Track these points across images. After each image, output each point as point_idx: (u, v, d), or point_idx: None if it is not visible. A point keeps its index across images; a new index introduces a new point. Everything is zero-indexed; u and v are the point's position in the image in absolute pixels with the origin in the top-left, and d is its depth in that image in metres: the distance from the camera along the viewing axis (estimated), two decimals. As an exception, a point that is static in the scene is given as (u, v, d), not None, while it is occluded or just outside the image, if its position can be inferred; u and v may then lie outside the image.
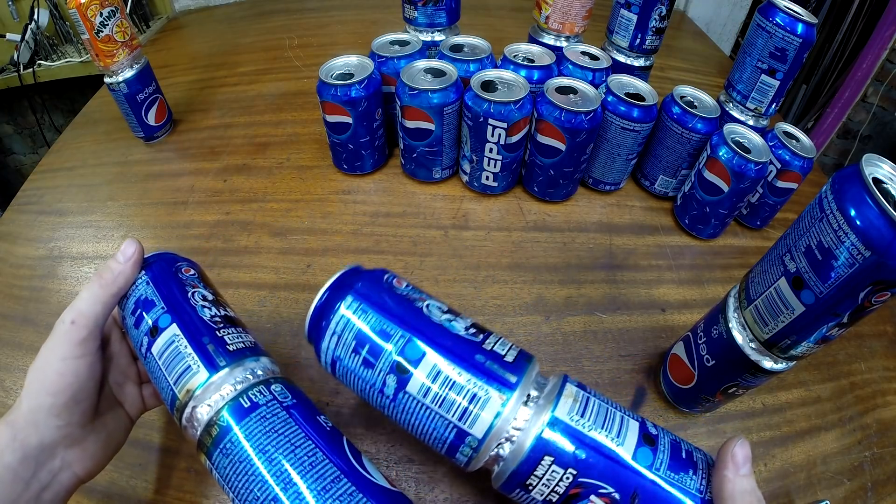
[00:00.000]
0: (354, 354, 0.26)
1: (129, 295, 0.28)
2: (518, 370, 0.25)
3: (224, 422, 0.23)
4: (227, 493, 0.24)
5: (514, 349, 0.26)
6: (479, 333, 0.26)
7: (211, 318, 0.27)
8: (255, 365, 0.27)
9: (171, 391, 0.26)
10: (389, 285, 0.27)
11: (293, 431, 0.23)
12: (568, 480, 0.23)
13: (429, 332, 0.25)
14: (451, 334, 0.25)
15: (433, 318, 0.26)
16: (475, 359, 0.25)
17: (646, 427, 0.25)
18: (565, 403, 0.24)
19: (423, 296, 0.28)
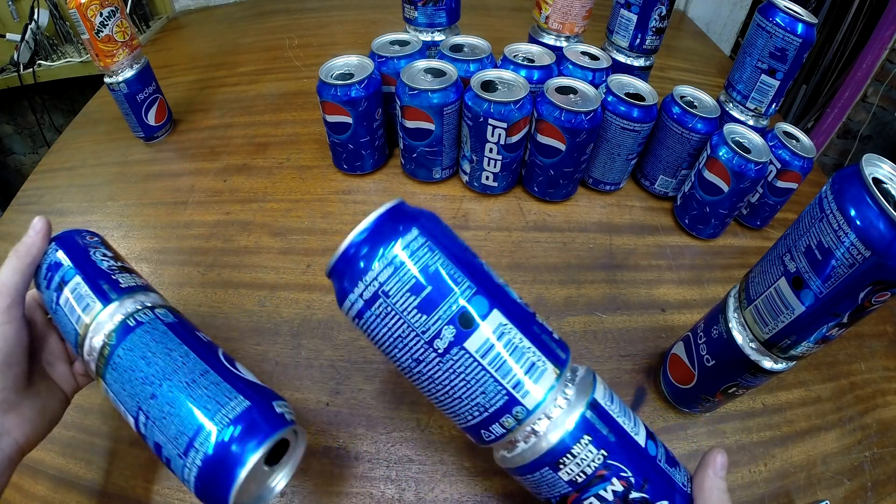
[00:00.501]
0: (410, 294, 0.22)
1: (41, 264, 0.31)
2: (565, 348, 0.25)
3: (113, 341, 0.26)
4: (119, 409, 0.26)
5: (550, 328, 0.26)
6: (531, 307, 0.26)
7: (108, 268, 0.30)
8: (145, 298, 0.29)
9: (74, 333, 0.28)
10: (451, 230, 0.25)
11: (171, 340, 0.26)
12: (599, 461, 0.23)
13: (494, 290, 0.24)
14: (511, 298, 0.24)
15: (495, 278, 0.24)
16: (533, 329, 0.24)
17: (648, 427, 0.26)
18: (600, 388, 0.25)
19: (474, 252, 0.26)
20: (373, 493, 0.36)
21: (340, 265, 0.24)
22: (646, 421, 0.39)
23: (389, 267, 0.22)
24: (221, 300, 0.47)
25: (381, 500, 0.36)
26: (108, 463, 0.38)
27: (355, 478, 0.37)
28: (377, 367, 0.42)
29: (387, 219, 0.23)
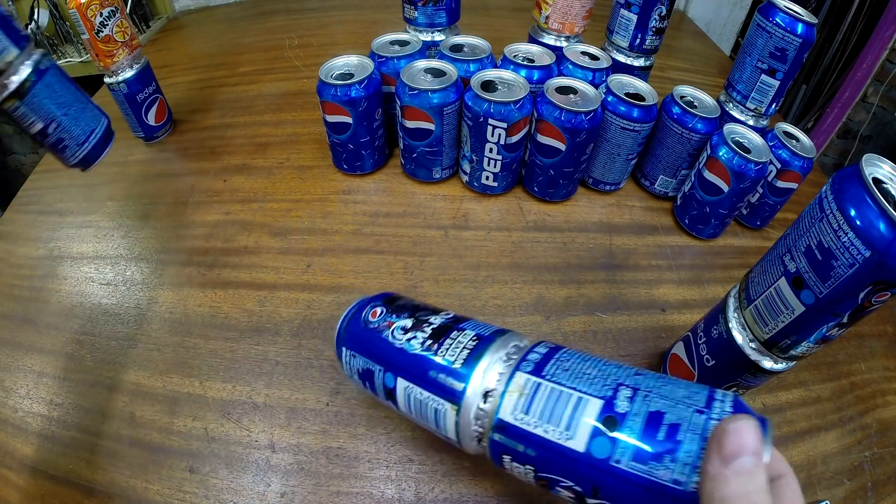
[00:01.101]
0: (360, 382, 0.32)
1: None
2: (464, 377, 0.26)
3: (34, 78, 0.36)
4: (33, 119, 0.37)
5: (467, 348, 0.27)
6: (435, 342, 0.28)
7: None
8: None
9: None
10: (366, 323, 0.32)
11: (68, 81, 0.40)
12: (530, 474, 0.24)
13: (393, 359, 0.29)
14: (409, 355, 0.28)
15: (395, 343, 0.29)
16: (429, 376, 0.27)
17: (612, 406, 0.21)
18: (509, 402, 0.24)
19: (392, 320, 0.31)
20: (373, 493, 0.36)
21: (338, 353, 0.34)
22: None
23: (347, 367, 0.33)
24: (221, 300, 0.47)
25: (381, 500, 0.36)
26: (108, 463, 0.38)
27: (355, 478, 0.37)
28: (377, 367, 0.42)
29: (339, 334, 0.33)
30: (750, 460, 0.15)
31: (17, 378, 0.43)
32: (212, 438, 0.38)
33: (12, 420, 0.41)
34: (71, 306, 0.48)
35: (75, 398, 0.41)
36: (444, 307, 0.32)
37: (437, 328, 0.29)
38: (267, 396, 0.40)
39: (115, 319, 0.46)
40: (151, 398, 0.41)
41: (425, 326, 0.29)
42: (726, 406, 0.20)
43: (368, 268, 0.50)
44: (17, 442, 0.39)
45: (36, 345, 0.45)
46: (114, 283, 0.49)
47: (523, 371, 0.24)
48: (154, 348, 0.44)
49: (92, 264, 0.51)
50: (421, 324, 0.30)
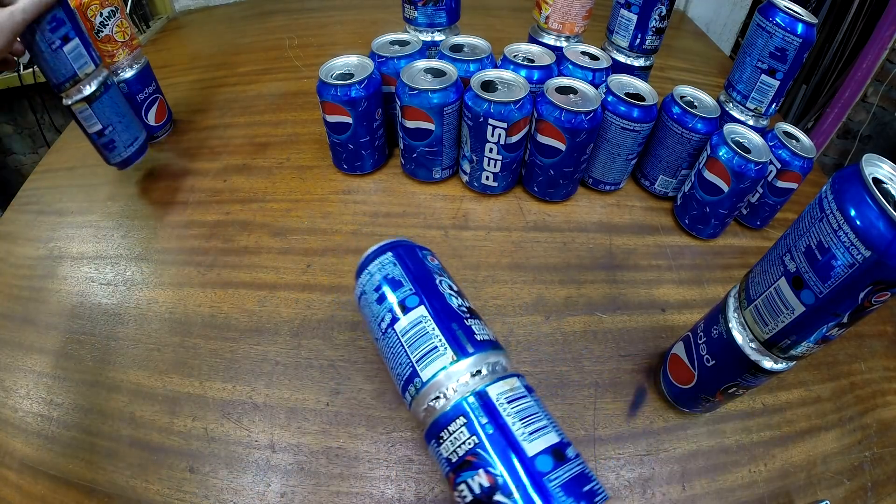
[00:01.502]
0: (374, 291, 0.32)
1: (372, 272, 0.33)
2: (478, 347, 0.28)
3: (101, 92, 0.46)
4: (94, 120, 0.49)
5: (488, 335, 0.30)
6: (469, 313, 0.30)
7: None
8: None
9: (71, 72, 0.38)
10: (423, 257, 0.34)
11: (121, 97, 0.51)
12: (469, 446, 0.25)
13: (429, 294, 0.31)
14: (445, 302, 0.30)
15: (439, 288, 0.31)
16: (451, 325, 0.29)
17: (563, 446, 0.25)
18: (501, 386, 0.27)
19: (444, 274, 0.33)
20: (373, 493, 0.36)
21: (358, 270, 0.35)
22: (646, 421, 0.40)
23: (369, 275, 0.33)
24: (221, 300, 0.47)
25: (381, 500, 0.36)
26: (109, 463, 0.38)
27: (355, 478, 0.37)
28: (377, 367, 0.42)
29: (379, 249, 0.34)
30: None
31: (17, 378, 0.43)
32: (212, 438, 0.38)
33: (12, 420, 0.41)
34: (71, 306, 0.48)
35: (75, 398, 0.41)
36: None
37: (473, 309, 0.32)
38: (267, 396, 0.40)
39: (115, 319, 0.46)
40: (151, 398, 0.41)
41: (464, 300, 0.32)
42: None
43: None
44: (17, 442, 0.39)
45: (36, 345, 0.45)
46: (114, 283, 0.49)
47: (519, 379, 0.28)
48: (154, 348, 0.44)
49: (92, 264, 0.51)
50: (461, 296, 0.32)
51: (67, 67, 0.47)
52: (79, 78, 0.48)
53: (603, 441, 0.39)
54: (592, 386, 0.42)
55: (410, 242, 0.35)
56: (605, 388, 0.42)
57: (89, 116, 0.49)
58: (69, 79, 0.47)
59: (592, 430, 0.39)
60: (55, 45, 0.45)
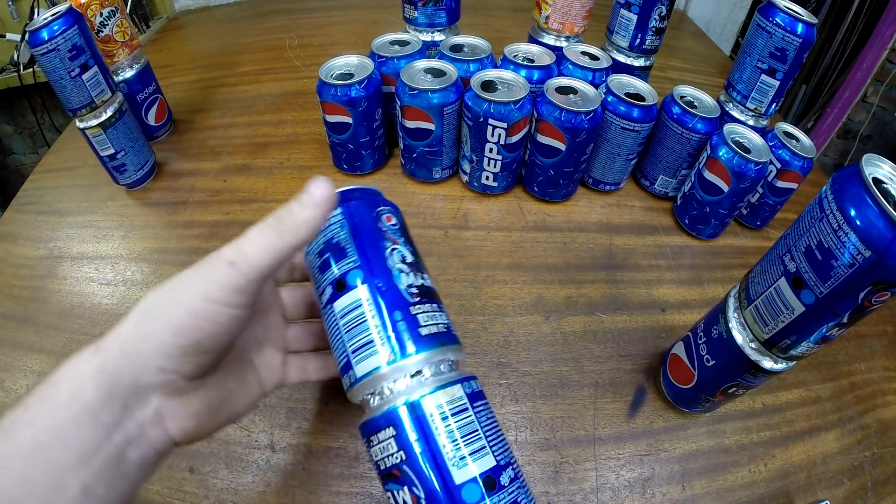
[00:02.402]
0: (318, 256, 0.28)
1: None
2: (421, 345, 0.25)
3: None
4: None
5: (438, 327, 0.26)
6: (419, 296, 0.26)
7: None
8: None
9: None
10: (377, 217, 0.29)
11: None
12: (395, 459, 0.23)
13: (375, 270, 0.26)
14: (391, 283, 0.26)
15: (388, 262, 0.27)
16: (393, 314, 0.25)
17: (499, 471, 0.23)
18: (438, 398, 0.24)
19: (399, 239, 0.28)
20: (373, 493, 0.36)
21: None
22: (646, 421, 0.40)
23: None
24: (221, 300, 0.47)
25: (381, 500, 0.36)
26: (108, 463, 0.38)
27: (355, 478, 0.37)
28: (377, 367, 0.42)
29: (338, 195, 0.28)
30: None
31: (17, 378, 0.43)
32: (211, 438, 0.38)
33: (12, 420, 0.41)
34: (71, 306, 0.48)
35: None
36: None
37: (427, 288, 0.28)
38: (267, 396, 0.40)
39: (115, 319, 0.45)
40: (151, 398, 0.41)
41: (419, 275, 0.28)
42: None
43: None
44: (17, 442, 0.39)
45: (36, 345, 0.45)
46: (114, 283, 0.49)
47: (463, 388, 0.25)
48: (154, 348, 0.44)
49: (92, 264, 0.51)
50: (418, 270, 0.28)
51: (85, 94, 0.49)
52: (95, 105, 0.50)
53: (603, 441, 0.39)
54: (592, 386, 0.42)
55: (370, 195, 0.30)
56: (605, 388, 0.42)
57: (103, 141, 0.52)
58: (86, 105, 0.49)
59: (592, 430, 0.39)
60: (74, 72, 0.47)
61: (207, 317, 0.21)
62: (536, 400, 0.41)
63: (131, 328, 0.21)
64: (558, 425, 0.40)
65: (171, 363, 0.21)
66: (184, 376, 0.22)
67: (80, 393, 0.20)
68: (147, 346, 0.21)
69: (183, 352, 0.21)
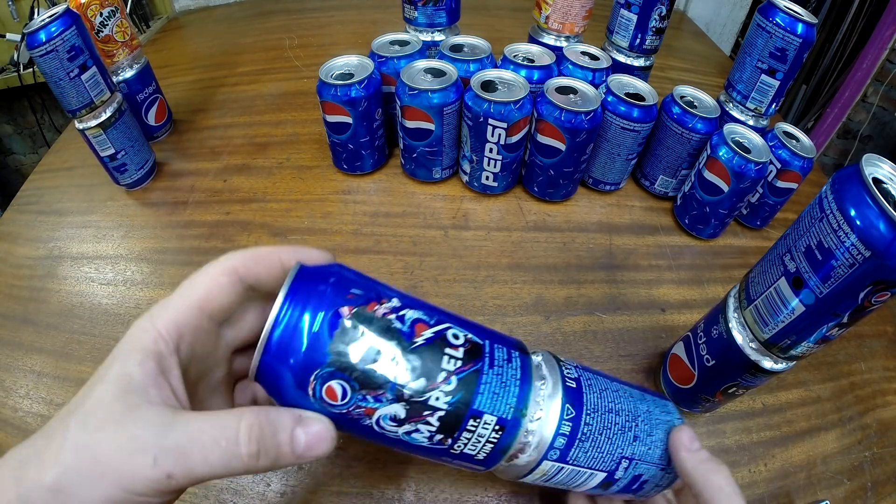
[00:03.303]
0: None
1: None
2: (490, 462, 0.24)
3: None
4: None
5: (490, 440, 0.23)
6: (448, 436, 0.22)
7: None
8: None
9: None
10: (321, 402, 0.21)
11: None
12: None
13: (394, 445, 0.23)
14: (417, 447, 0.22)
15: (389, 434, 0.22)
16: (448, 459, 0.24)
17: (612, 475, 0.26)
18: (532, 478, 0.26)
19: (367, 405, 0.21)
20: (373, 493, 0.36)
21: None
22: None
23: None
24: (221, 300, 0.47)
25: (381, 500, 0.36)
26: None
27: (355, 478, 0.37)
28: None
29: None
30: (698, 442, 0.27)
31: (17, 378, 0.43)
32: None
33: (12, 420, 0.41)
34: (71, 306, 0.48)
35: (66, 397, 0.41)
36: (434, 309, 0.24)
37: (445, 419, 0.22)
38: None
39: (115, 319, 0.46)
40: (151, 398, 0.41)
41: (427, 416, 0.21)
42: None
43: (368, 268, 0.49)
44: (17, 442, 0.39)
45: (36, 345, 0.45)
46: (114, 283, 0.49)
47: (550, 460, 0.25)
48: (154, 348, 0.44)
49: (92, 264, 0.51)
50: (418, 414, 0.21)
51: (84, 95, 0.48)
52: (95, 105, 0.50)
53: (603, 441, 0.39)
54: (592, 386, 0.42)
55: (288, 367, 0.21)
56: (605, 388, 0.42)
57: (103, 141, 0.51)
58: (85, 106, 0.49)
59: (592, 430, 0.39)
60: (73, 73, 0.47)
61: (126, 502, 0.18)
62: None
63: (50, 477, 0.19)
64: (558, 425, 0.40)
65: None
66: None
67: None
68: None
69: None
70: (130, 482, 0.18)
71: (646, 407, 0.28)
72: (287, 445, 0.20)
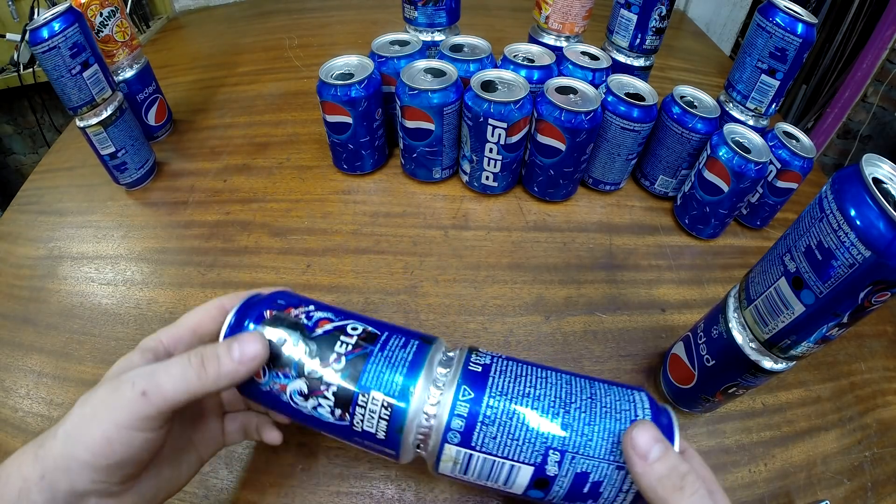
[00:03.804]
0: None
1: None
2: (393, 444, 0.25)
3: None
4: None
5: (383, 417, 0.25)
6: (345, 411, 0.25)
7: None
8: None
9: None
10: (253, 381, 0.27)
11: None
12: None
13: (312, 423, 0.27)
14: (325, 423, 0.26)
15: (303, 409, 0.26)
16: (356, 440, 0.26)
17: (543, 470, 0.24)
18: (445, 466, 0.25)
19: (281, 381, 0.26)
20: (373, 493, 0.36)
21: None
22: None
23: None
24: (221, 300, 0.47)
25: (381, 500, 0.36)
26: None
27: (355, 478, 0.37)
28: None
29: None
30: (658, 447, 0.21)
31: (17, 378, 0.43)
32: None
33: (12, 420, 0.41)
34: (71, 306, 0.48)
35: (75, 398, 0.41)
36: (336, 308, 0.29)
37: (338, 394, 0.25)
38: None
39: (115, 319, 0.46)
40: (151, 398, 0.41)
41: (324, 390, 0.26)
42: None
43: (368, 268, 0.50)
44: (17, 442, 0.39)
45: (36, 345, 0.45)
46: (114, 283, 0.49)
47: (451, 443, 0.24)
48: (154, 348, 0.44)
49: (92, 264, 0.51)
50: (316, 389, 0.26)
51: (86, 92, 0.49)
52: (96, 103, 0.50)
53: (603, 441, 0.39)
54: (592, 386, 0.42)
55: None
56: (605, 388, 0.42)
57: (103, 139, 0.52)
58: (87, 103, 0.49)
59: (592, 430, 0.39)
60: (75, 70, 0.47)
61: (121, 440, 0.23)
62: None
63: (60, 447, 0.23)
64: (558, 425, 0.40)
65: (99, 475, 0.23)
66: (116, 483, 0.23)
67: (27, 493, 0.22)
68: (74, 463, 0.22)
69: (107, 469, 0.23)
70: (118, 414, 0.23)
71: (590, 393, 0.25)
72: (225, 354, 0.25)
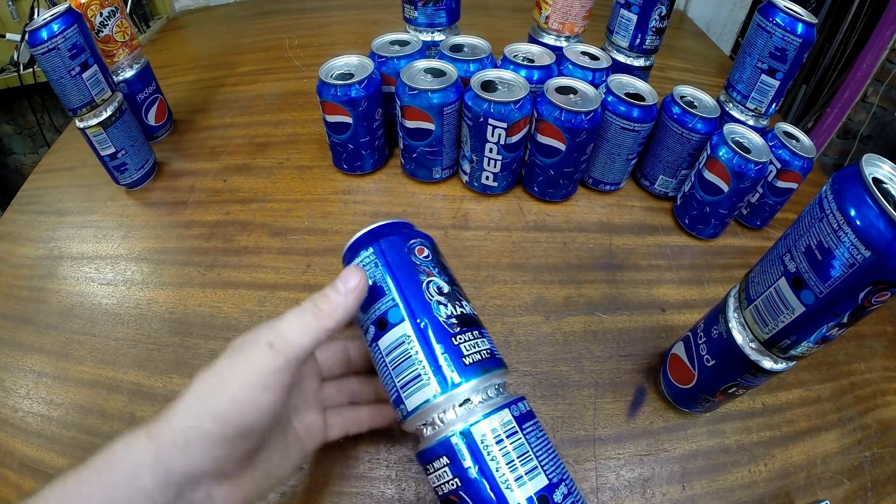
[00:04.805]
0: None
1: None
2: (467, 374, 0.26)
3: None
4: None
5: (482, 354, 0.27)
6: (459, 326, 0.27)
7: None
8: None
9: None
10: (409, 251, 0.29)
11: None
12: (451, 486, 0.25)
13: (415, 305, 0.27)
14: (432, 316, 0.27)
15: (426, 294, 0.28)
16: (436, 348, 0.26)
17: (553, 490, 0.24)
18: (488, 425, 0.25)
19: (433, 270, 0.29)
20: (373, 493, 0.36)
21: (343, 260, 0.32)
22: (646, 421, 0.40)
23: (354, 261, 0.30)
24: (221, 300, 0.47)
25: (381, 500, 0.36)
26: (108, 463, 0.38)
27: (355, 478, 0.37)
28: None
29: (361, 239, 0.30)
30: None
31: (17, 378, 0.43)
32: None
33: (12, 420, 0.41)
34: (71, 306, 0.48)
35: (75, 398, 0.41)
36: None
37: (466, 316, 0.28)
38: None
39: (115, 319, 0.46)
40: (151, 398, 0.41)
41: (457, 304, 0.28)
42: None
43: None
44: (16, 442, 0.39)
45: (36, 345, 0.45)
46: (114, 283, 0.49)
47: (511, 412, 0.25)
48: (154, 348, 0.44)
49: (92, 264, 0.51)
50: (455, 298, 0.28)
51: (85, 93, 0.49)
52: (96, 104, 0.50)
53: (603, 441, 0.39)
54: (592, 386, 0.42)
55: (399, 230, 0.31)
56: (605, 388, 0.42)
57: (103, 140, 0.52)
58: (86, 104, 0.49)
59: (592, 430, 0.39)
60: (75, 71, 0.47)
61: (248, 402, 0.23)
62: (536, 400, 0.41)
63: (181, 419, 0.22)
64: (558, 425, 0.40)
65: (219, 451, 0.22)
66: (232, 462, 0.23)
67: (136, 478, 0.21)
68: (195, 436, 0.22)
69: (229, 441, 0.23)
70: (246, 373, 0.23)
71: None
72: (332, 291, 0.26)
